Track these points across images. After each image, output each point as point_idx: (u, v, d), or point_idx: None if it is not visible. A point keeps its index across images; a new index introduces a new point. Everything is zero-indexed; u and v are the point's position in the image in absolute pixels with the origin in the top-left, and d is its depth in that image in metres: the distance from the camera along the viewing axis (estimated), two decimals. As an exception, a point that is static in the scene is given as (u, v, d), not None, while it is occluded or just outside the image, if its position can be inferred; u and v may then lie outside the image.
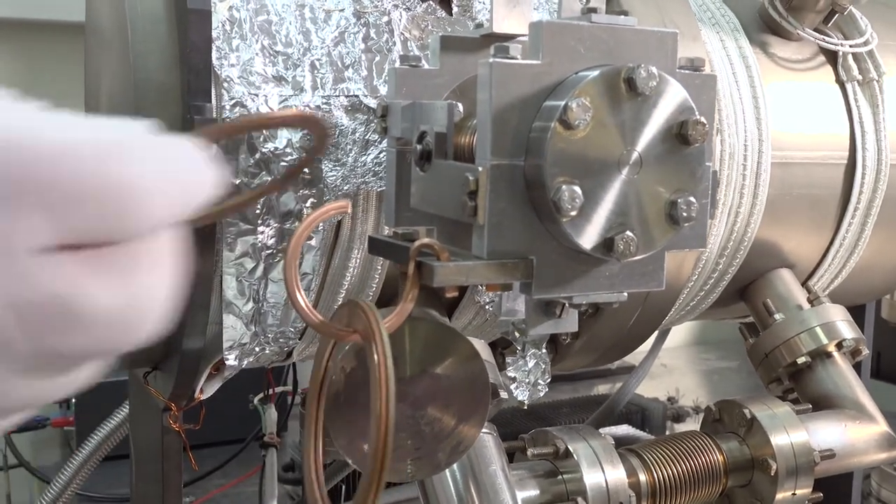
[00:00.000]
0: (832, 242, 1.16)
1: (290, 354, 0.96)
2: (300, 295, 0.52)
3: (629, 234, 0.62)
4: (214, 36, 0.80)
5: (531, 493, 0.91)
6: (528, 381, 0.95)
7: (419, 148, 0.70)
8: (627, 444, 1.02)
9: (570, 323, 0.70)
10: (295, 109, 0.52)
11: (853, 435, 1.06)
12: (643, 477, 0.95)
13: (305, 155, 0.68)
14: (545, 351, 0.95)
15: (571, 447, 0.92)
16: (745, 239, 1.07)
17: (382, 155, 0.84)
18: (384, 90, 0.84)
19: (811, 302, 1.13)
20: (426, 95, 0.75)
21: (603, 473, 0.91)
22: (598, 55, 0.64)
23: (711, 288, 1.11)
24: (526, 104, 0.62)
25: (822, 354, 1.10)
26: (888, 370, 2.04)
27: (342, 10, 0.87)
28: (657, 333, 1.47)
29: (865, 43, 1.14)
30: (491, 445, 0.91)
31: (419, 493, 0.91)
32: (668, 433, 1.76)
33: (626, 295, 0.68)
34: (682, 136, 0.64)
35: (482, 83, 0.62)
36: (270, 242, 0.82)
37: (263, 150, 0.81)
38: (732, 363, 2.39)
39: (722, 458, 1.00)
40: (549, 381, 0.96)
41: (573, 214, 0.60)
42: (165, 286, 0.38)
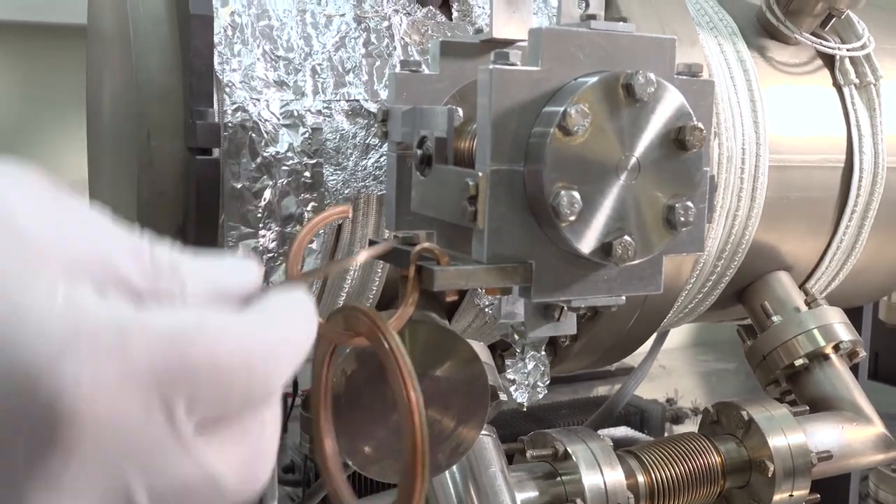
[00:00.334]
0: (829, 245, 1.16)
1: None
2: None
3: (627, 238, 0.63)
4: (216, 41, 0.80)
5: (530, 494, 0.91)
6: (527, 383, 0.95)
7: (419, 153, 0.70)
8: (626, 445, 1.02)
9: (568, 326, 0.70)
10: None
11: (850, 436, 1.07)
12: (641, 478, 0.96)
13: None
14: (544, 353, 0.95)
15: (570, 449, 0.93)
16: (742, 242, 1.08)
17: (383, 159, 0.84)
18: (385, 94, 0.85)
19: (809, 304, 1.14)
20: (426, 100, 0.75)
21: (601, 475, 0.92)
22: (596, 61, 0.65)
23: (709, 290, 1.12)
24: (525, 110, 0.63)
25: (819, 356, 1.11)
26: (886, 371, 2.04)
27: (343, 15, 0.87)
28: (656, 335, 1.47)
29: (863, 47, 1.14)
30: (490, 447, 0.92)
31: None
32: (666, 434, 1.77)
33: (624, 299, 0.68)
34: (679, 141, 0.64)
35: (482, 89, 0.63)
36: (272, 246, 0.83)
37: (265, 154, 0.81)
38: (731, 365, 2.39)
39: (720, 459, 1.01)
40: (548, 383, 0.97)
41: (572, 219, 0.61)
42: (274, 450, 0.38)
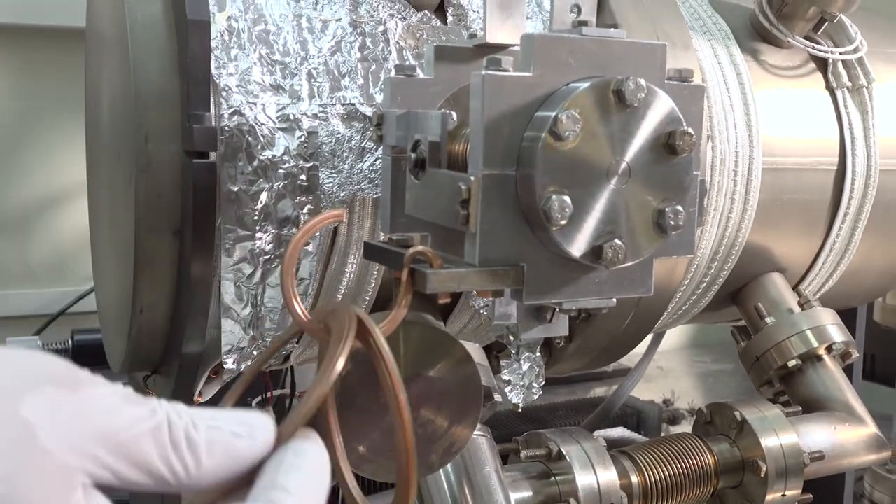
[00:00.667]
0: (823, 247, 1.17)
1: (287, 358, 0.98)
2: (297, 303, 0.53)
3: (617, 242, 0.64)
4: (213, 46, 0.81)
5: (524, 494, 0.92)
6: (522, 384, 0.96)
7: (413, 156, 0.71)
8: (623, 446, 1.03)
9: (560, 327, 0.71)
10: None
11: (842, 437, 1.07)
12: (635, 478, 0.97)
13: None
14: (539, 354, 0.96)
15: (564, 449, 0.93)
16: (736, 244, 1.09)
17: (378, 162, 0.85)
18: (380, 98, 0.86)
19: (802, 306, 1.14)
20: (421, 104, 0.76)
21: (595, 475, 0.92)
22: (588, 67, 0.66)
23: (703, 292, 1.13)
24: (517, 115, 0.64)
25: (812, 358, 1.11)
26: (882, 372, 2.05)
27: (339, 19, 0.88)
28: (652, 336, 1.48)
29: (855, 50, 1.15)
30: (485, 447, 0.93)
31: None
32: (663, 435, 1.77)
33: (615, 301, 0.69)
34: (669, 146, 0.65)
35: (474, 95, 0.64)
36: (268, 248, 0.84)
37: (261, 157, 0.82)
38: (728, 366, 2.40)
39: (713, 459, 1.02)
40: (543, 384, 0.98)
41: (563, 224, 0.62)
42: None
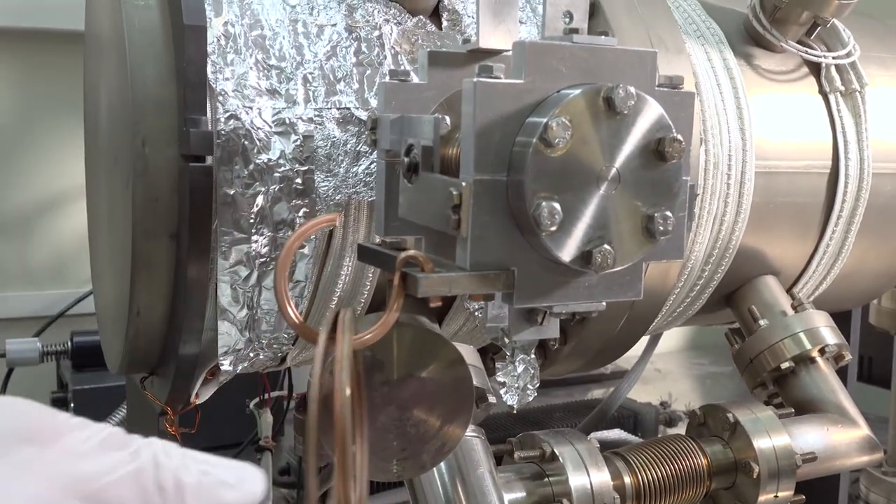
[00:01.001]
0: (816, 250, 1.18)
1: (283, 360, 0.98)
2: (290, 306, 0.54)
3: (607, 247, 0.65)
4: (210, 50, 0.82)
5: (518, 494, 0.93)
6: (517, 385, 0.97)
7: (407, 160, 0.72)
8: (619, 447, 1.04)
9: (551, 330, 0.72)
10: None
11: (835, 438, 1.08)
12: (628, 479, 0.97)
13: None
14: (534, 356, 0.97)
15: (557, 450, 0.94)
16: (729, 246, 1.09)
17: (373, 166, 0.86)
18: (375, 103, 0.87)
19: (795, 308, 1.15)
20: (414, 109, 0.77)
21: (588, 476, 0.93)
22: (579, 74, 0.66)
23: (697, 295, 1.14)
24: (508, 121, 0.65)
25: (805, 360, 1.12)
26: (878, 374, 2.06)
27: (334, 24, 0.89)
28: (649, 338, 1.49)
29: (848, 55, 1.16)
30: (479, 448, 0.93)
31: (409, 496, 0.94)
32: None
33: (604, 304, 0.70)
34: (659, 152, 0.66)
35: (466, 102, 0.65)
36: (264, 251, 0.84)
37: (257, 160, 0.83)
38: (726, 368, 2.40)
39: (706, 461, 1.02)
40: (538, 385, 0.98)
41: (552, 230, 0.62)
42: None
